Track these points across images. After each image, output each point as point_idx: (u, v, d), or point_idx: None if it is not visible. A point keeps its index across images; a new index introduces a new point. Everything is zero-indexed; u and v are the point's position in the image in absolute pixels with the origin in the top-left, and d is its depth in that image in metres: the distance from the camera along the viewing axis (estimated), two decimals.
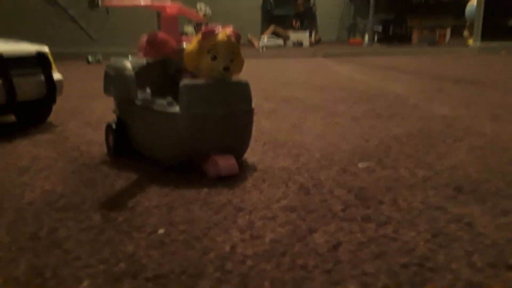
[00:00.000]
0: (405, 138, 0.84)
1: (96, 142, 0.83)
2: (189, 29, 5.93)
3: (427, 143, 0.80)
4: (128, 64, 0.67)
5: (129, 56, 0.71)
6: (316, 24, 6.47)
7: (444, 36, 5.53)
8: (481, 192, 0.55)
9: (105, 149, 0.77)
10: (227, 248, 0.41)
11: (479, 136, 0.85)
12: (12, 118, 1.04)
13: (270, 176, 0.62)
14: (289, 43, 5.93)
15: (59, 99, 0.99)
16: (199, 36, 0.55)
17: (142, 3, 0.69)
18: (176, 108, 0.59)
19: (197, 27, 6.01)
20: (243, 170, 0.64)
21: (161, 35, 0.67)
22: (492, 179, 0.60)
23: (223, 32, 0.55)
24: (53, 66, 0.97)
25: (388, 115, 1.07)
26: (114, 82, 0.69)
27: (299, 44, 5.89)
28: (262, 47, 5.13)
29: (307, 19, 6.34)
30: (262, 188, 0.57)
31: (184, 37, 0.68)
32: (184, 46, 0.61)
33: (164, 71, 0.69)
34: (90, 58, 3.17)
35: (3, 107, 0.88)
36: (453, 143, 0.80)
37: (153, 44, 0.66)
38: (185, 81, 0.58)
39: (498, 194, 0.54)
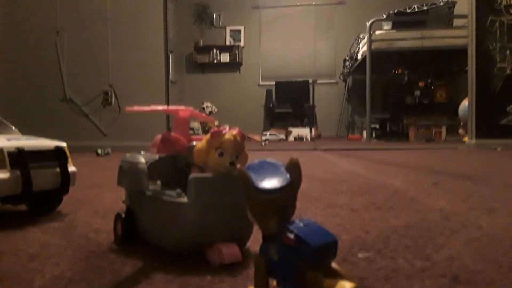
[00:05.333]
0: (404, 230, 0.86)
1: (103, 231, 0.86)
2: (195, 124, 6.23)
3: (425, 235, 0.82)
4: (141, 158, 0.73)
5: (142, 151, 0.77)
6: (316, 122, 6.79)
7: (440, 133, 5.75)
8: (476, 282, 0.57)
9: (112, 237, 0.79)
10: None
11: (475, 228, 0.87)
12: (23, 206, 1.08)
13: None
14: (290, 137, 6.19)
15: (69, 189, 1.04)
16: (209, 135, 0.62)
17: (160, 108, 0.78)
18: (185, 199, 0.63)
19: (203, 123, 6.31)
20: (246, 258, 0.66)
21: (173, 134, 0.74)
22: (488, 270, 0.62)
23: (229, 132, 0.62)
24: (69, 159, 1.04)
25: (386, 207, 1.11)
26: (128, 174, 0.74)
27: (300, 138, 6.15)
28: (265, 141, 5.34)
29: (307, 117, 6.67)
30: None
31: (193, 137, 0.75)
32: (194, 143, 0.67)
33: (174, 166, 0.75)
34: (99, 151, 3.30)
35: (18, 197, 0.93)
36: (450, 235, 0.82)
37: (166, 142, 0.73)
38: (193, 174, 0.64)
39: (493, 284, 0.56)
